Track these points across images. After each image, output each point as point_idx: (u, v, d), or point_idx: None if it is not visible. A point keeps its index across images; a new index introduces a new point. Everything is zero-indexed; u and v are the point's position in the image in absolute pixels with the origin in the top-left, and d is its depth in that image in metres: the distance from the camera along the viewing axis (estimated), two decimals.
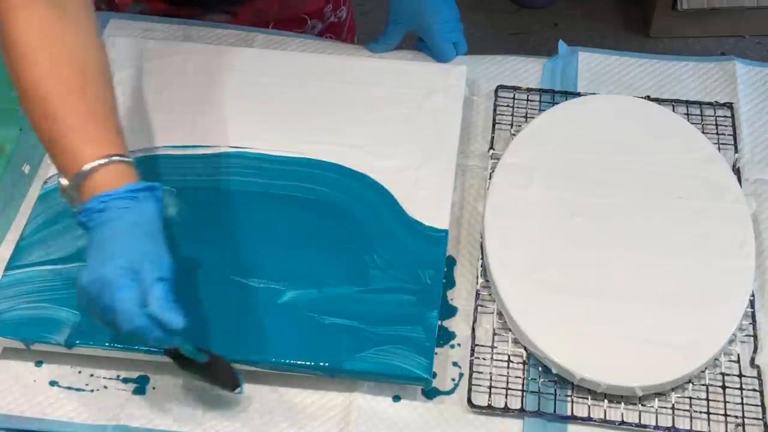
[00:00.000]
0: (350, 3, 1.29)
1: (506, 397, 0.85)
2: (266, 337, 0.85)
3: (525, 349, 0.88)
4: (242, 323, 0.86)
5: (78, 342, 0.85)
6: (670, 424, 0.83)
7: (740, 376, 0.86)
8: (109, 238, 0.75)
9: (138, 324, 0.73)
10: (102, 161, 0.76)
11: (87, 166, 0.76)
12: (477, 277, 0.92)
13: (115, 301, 0.73)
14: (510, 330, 0.89)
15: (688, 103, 1.05)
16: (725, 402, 0.85)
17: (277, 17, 1.17)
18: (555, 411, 0.84)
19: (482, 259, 0.93)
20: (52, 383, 0.87)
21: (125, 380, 0.87)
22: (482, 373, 0.87)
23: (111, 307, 0.73)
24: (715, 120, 1.04)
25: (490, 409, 0.84)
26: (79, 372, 0.87)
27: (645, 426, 0.83)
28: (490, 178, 0.98)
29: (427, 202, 0.94)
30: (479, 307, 0.90)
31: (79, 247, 0.91)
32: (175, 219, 0.93)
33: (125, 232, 0.75)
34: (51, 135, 0.77)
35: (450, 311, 0.91)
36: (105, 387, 0.87)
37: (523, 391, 0.86)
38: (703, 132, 1.01)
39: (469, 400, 0.85)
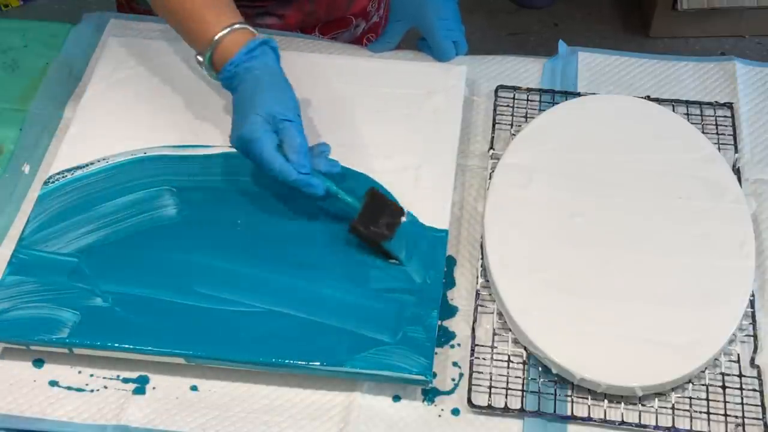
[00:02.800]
0: (388, 1, 1.30)
1: (506, 397, 0.85)
2: (266, 337, 0.85)
3: (525, 349, 0.88)
4: (242, 323, 0.86)
5: (78, 342, 0.85)
6: (670, 424, 0.83)
7: (740, 376, 0.86)
8: (241, 98, 0.89)
9: (278, 166, 0.85)
10: (225, 30, 0.89)
11: (217, 36, 0.89)
12: (477, 277, 0.92)
13: (256, 155, 0.86)
14: (510, 330, 0.89)
15: (688, 103, 1.05)
16: (725, 402, 0.85)
17: (325, 19, 1.18)
18: (555, 411, 0.84)
19: (482, 259, 0.93)
20: (52, 383, 0.87)
21: (125, 380, 0.87)
22: (482, 373, 0.87)
23: (258, 157, 0.86)
24: (715, 120, 1.04)
25: (490, 409, 0.84)
26: (79, 372, 0.88)
27: (645, 426, 0.83)
28: (490, 178, 0.98)
29: (427, 202, 0.94)
30: (479, 307, 0.90)
31: (79, 247, 0.91)
32: (175, 218, 0.94)
33: (254, 88, 0.88)
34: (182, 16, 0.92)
35: (450, 311, 0.91)
36: (105, 387, 0.87)
37: (523, 391, 0.86)
38: (703, 132, 1.01)
39: (469, 400, 0.85)
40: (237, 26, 0.89)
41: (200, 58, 0.91)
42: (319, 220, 0.93)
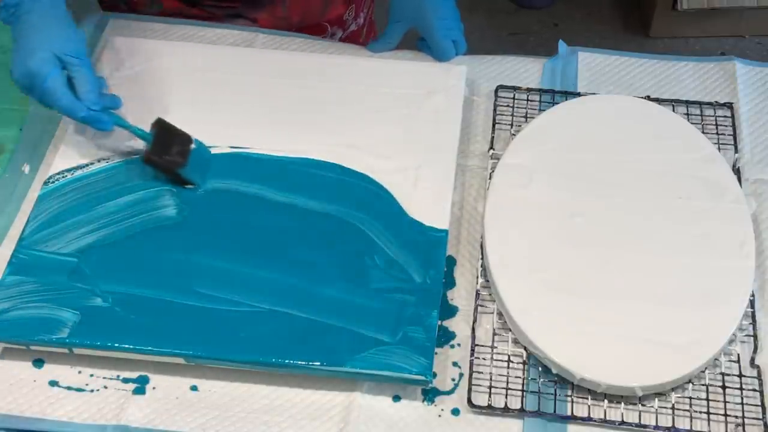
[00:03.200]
0: (371, 9, 1.29)
1: (506, 397, 0.85)
2: (266, 337, 0.85)
3: (525, 349, 0.88)
4: (242, 323, 0.86)
5: (78, 342, 0.85)
6: (670, 424, 0.83)
7: (740, 376, 0.86)
8: (26, 31, 0.86)
9: (66, 102, 0.85)
10: None
11: None
12: (477, 277, 0.92)
13: (45, 90, 0.85)
14: (510, 330, 0.89)
15: (688, 103, 1.05)
16: (725, 402, 0.85)
17: (299, 25, 1.18)
18: (555, 411, 0.84)
19: (482, 259, 0.93)
20: (52, 383, 0.87)
21: (125, 380, 0.87)
22: (482, 373, 0.87)
23: (42, 94, 0.85)
24: (715, 120, 1.04)
25: (490, 409, 0.84)
26: (79, 372, 0.88)
27: (645, 426, 0.83)
28: (490, 178, 0.98)
29: (427, 202, 0.94)
30: (479, 307, 0.90)
31: (79, 247, 0.91)
32: (175, 218, 0.94)
33: (40, 23, 0.86)
34: None
35: (450, 311, 0.91)
36: (105, 387, 0.87)
37: (523, 391, 0.86)
38: (703, 132, 1.01)
39: (469, 400, 0.85)
40: None
41: None
42: (319, 220, 0.93)
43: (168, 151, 0.93)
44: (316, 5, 1.18)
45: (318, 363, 0.84)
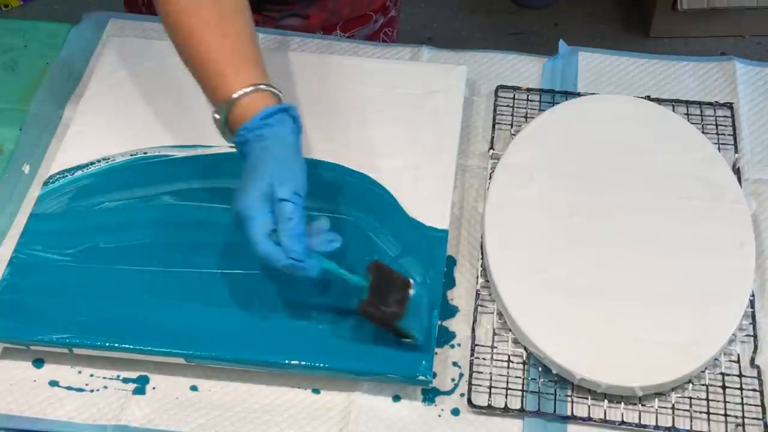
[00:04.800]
0: None
1: (506, 397, 0.85)
2: (266, 337, 0.85)
3: (525, 349, 0.88)
4: (242, 323, 0.86)
5: (78, 342, 0.85)
6: (670, 424, 0.83)
7: (740, 376, 0.86)
8: (247, 169, 0.81)
9: (263, 251, 0.77)
10: (246, 90, 0.81)
11: (235, 95, 0.81)
12: (477, 277, 0.92)
13: (246, 235, 0.78)
14: (510, 330, 0.89)
15: (688, 103, 1.05)
16: (725, 402, 0.85)
17: (348, 17, 1.19)
18: (555, 411, 0.84)
19: (482, 259, 0.93)
20: (52, 383, 0.87)
21: (125, 380, 0.87)
22: (482, 373, 0.87)
23: (247, 238, 0.78)
24: (715, 120, 1.04)
25: (490, 409, 0.84)
26: (79, 372, 0.88)
27: (645, 426, 0.83)
28: (490, 178, 0.98)
29: (427, 202, 0.94)
30: (479, 307, 0.90)
31: (79, 247, 0.91)
32: (176, 218, 0.93)
33: (260, 159, 0.80)
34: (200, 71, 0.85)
35: (450, 311, 0.91)
36: (105, 387, 0.87)
37: (523, 391, 0.86)
38: (703, 132, 1.01)
39: (469, 400, 0.85)
40: (261, 87, 0.82)
41: (217, 116, 0.84)
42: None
43: (385, 299, 0.81)
44: None
45: (318, 363, 0.84)
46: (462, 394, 0.86)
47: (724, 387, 0.85)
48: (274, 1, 1.14)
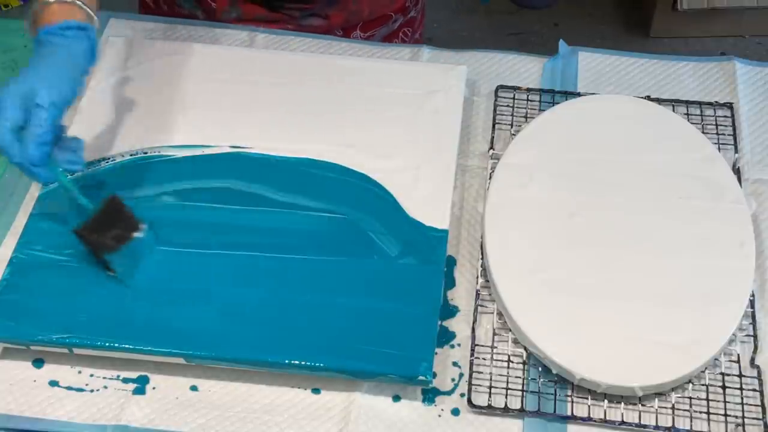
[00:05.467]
0: None
1: (506, 397, 0.85)
2: (266, 337, 0.85)
3: (525, 349, 0.88)
4: (242, 323, 0.86)
5: (78, 342, 0.85)
6: (670, 424, 0.83)
7: (740, 376, 0.86)
8: (25, 67, 0.83)
9: (2, 142, 0.80)
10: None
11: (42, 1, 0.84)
12: (477, 277, 0.92)
13: None
14: (510, 330, 0.89)
15: (688, 103, 1.05)
16: (725, 402, 0.85)
17: (368, 17, 1.19)
18: (555, 411, 0.84)
19: (482, 259, 0.93)
20: (52, 383, 0.87)
21: (125, 380, 0.87)
22: (482, 373, 0.87)
23: None
24: (715, 120, 1.04)
25: (490, 409, 0.84)
26: (79, 372, 0.88)
27: (645, 426, 0.83)
28: (490, 178, 0.98)
29: (427, 202, 0.94)
30: (479, 307, 0.90)
31: (79, 247, 0.91)
32: (176, 218, 0.93)
33: (35, 62, 0.83)
34: None
35: (450, 311, 0.91)
36: (105, 387, 0.87)
37: (523, 391, 0.86)
38: (703, 132, 1.01)
39: (469, 400, 0.85)
40: (77, 1, 0.85)
41: (33, 9, 0.87)
42: (319, 220, 0.93)
43: (105, 230, 0.87)
44: None
45: (318, 363, 0.84)
46: (462, 394, 0.86)
47: (724, 387, 0.85)
48: (295, 0, 1.14)
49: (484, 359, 0.88)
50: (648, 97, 1.05)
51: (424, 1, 1.30)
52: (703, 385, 0.86)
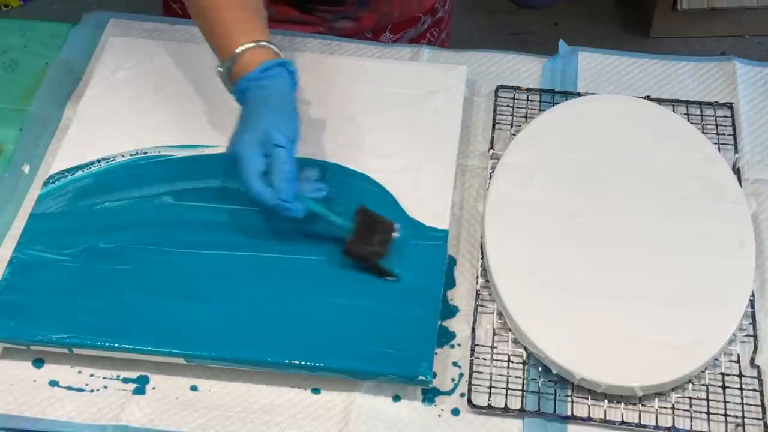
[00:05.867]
0: None
1: (506, 397, 0.85)
2: (266, 337, 0.85)
3: (525, 349, 0.88)
4: (241, 323, 0.86)
5: (78, 342, 0.85)
6: (670, 424, 0.83)
7: (740, 376, 0.86)
8: (245, 115, 0.88)
9: (255, 189, 0.85)
10: (249, 45, 0.89)
11: (238, 49, 0.89)
12: (477, 277, 0.92)
13: (240, 177, 0.86)
14: (510, 330, 0.89)
15: (688, 103, 1.05)
16: (725, 402, 0.85)
17: (398, 19, 1.19)
18: (555, 411, 0.84)
19: (482, 259, 0.93)
20: (52, 383, 0.87)
21: (125, 380, 0.87)
22: (482, 373, 0.87)
23: (240, 178, 0.86)
24: (715, 120, 1.04)
25: (490, 409, 0.84)
26: (79, 372, 0.88)
27: (645, 426, 0.83)
28: (490, 178, 0.98)
29: (427, 202, 0.94)
30: (479, 307, 0.90)
31: (79, 247, 0.91)
32: (175, 218, 0.93)
33: (257, 107, 0.88)
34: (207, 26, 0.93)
35: (450, 311, 0.91)
36: (105, 387, 0.87)
37: (523, 391, 0.86)
38: (703, 132, 1.01)
39: (469, 400, 0.85)
40: (263, 43, 0.89)
41: (220, 69, 0.92)
42: (321, 222, 0.93)
43: (369, 240, 0.88)
44: None
45: (318, 363, 0.84)
46: (462, 394, 0.86)
47: (724, 387, 0.85)
48: (327, 2, 1.15)
49: (484, 359, 0.88)
50: (648, 97, 1.05)
51: (454, 2, 1.30)
52: (703, 385, 0.86)
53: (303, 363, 0.84)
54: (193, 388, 0.86)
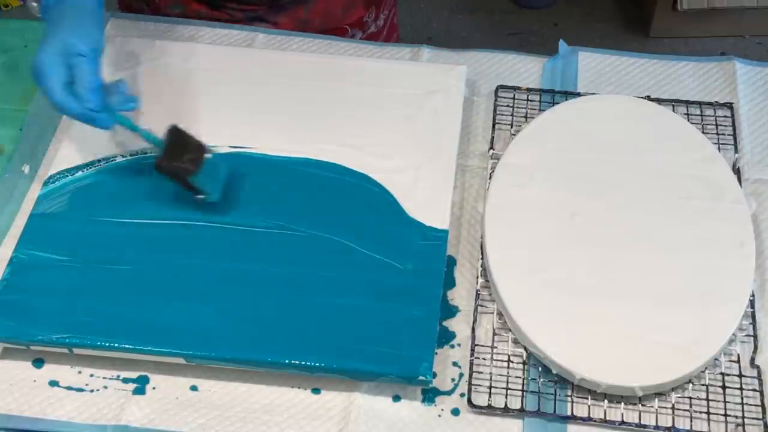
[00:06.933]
0: (393, 11, 1.29)
1: (506, 397, 0.85)
2: (266, 337, 0.85)
3: (525, 349, 0.88)
4: (242, 323, 0.86)
5: (78, 342, 0.85)
6: (670, 424, 0.83)
7: (740, 376, 0.86)
8: (46, 30, 0.86)
9: (58, 100, 0.83)
10: None
11: None
12: (477, 277, 0.92)
13: (43, 88, 0.84)
14: (510, 330, 0.89)
15: (688, 103, 1.05)
16: (725, 402, 0.85)
17: (320, 28, 1.17)
18: (555, 411, 0.84)
19: (482, 259, 0.93)
20: (52, 383, 0.87)
21: (125, 380, 0.87)
22: (482, 373, 0.87)
23: (43, 91, 0.85)
24: (715, 120, 1.04)
25: (490, 409, 0.84)
26: (79, 372, 0.88)
27: (645, 426, 0.83)
28: (490, 178, 0.98)
29: (427, 202, 0.94)
30: (479, 307, 0.90)
31: (79, 247, 0.91)
32: (176, 218, 0.93)
33: (57, 21, 0.86)
34: None
35: (450, 311, 0.91)
36: (105, 387, 0.87)
37: (523, 391, 0.86)
38: (703, 132, 1.01)
39: (469, 400, 0.85)
40: None
41: None
42: (319, 220, 0.93)
43: (180, 158, 0.90)
44: (337, 9, 1.18)
45: (318, 363, 0.84)
46: (462, 394, 0.86)
47: (724, 387, 0.85)
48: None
49: (484, 359, 0.88)
50: (648, 97, 1.05)
51: (393, 17, 1.28)
52: (703, 385, 0.86)
53: (303, 363, 0.84)
54: (193, 388, 0.87)
